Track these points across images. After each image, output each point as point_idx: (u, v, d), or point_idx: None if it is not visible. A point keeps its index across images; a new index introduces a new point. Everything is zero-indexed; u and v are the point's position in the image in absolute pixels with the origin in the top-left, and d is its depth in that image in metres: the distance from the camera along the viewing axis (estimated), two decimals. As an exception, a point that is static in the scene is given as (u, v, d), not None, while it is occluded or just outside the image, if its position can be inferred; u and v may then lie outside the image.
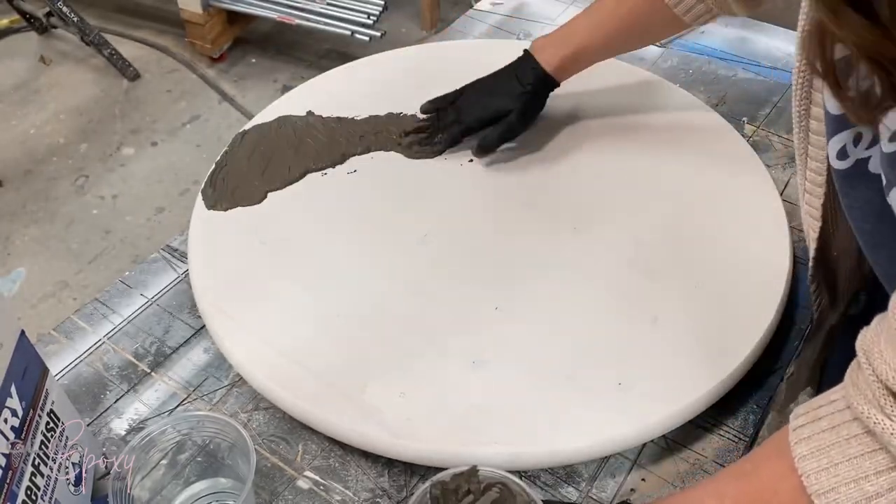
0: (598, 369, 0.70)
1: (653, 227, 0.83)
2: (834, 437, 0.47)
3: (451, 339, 0.73)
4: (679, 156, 0.91)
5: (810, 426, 0.49)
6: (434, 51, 1.12)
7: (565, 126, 0.95)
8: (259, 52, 2.58)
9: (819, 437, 0.48)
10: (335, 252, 0.82)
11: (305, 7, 2.33)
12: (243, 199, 0.87)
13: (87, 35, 2.40)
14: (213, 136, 2.29)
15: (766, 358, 0.74)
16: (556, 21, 1.20)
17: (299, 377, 0.70)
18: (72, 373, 0.76)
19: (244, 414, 0.73)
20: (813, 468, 0.47)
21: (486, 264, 0.80)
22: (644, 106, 0.98)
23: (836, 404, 0.49)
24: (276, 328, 0.74)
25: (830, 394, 0.50)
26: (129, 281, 0.85)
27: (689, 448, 0.70)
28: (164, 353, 0.78)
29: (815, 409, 0.50)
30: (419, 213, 0.85)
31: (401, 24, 2.64)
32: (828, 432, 0.48)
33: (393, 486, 0.68)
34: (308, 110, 0.97)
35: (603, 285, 0.77)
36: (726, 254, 0.80)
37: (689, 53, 1.13)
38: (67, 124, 2.34)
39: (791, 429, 0.50)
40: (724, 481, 0.54)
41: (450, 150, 0.92)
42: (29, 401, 0.56)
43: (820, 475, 0.47)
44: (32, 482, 0.55)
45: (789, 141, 0.99)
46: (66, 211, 2.08)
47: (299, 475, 0.68)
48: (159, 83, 2.48)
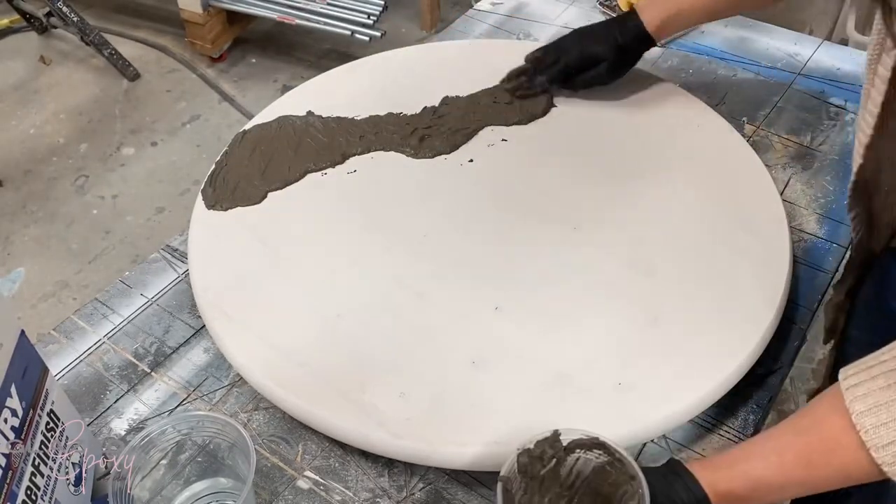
0: (597, 369, 0.70)
1: (653, 227, 0.83)
2: (891, 394, 0.51)
3: (451, 339, 0.73)
4: (679, 156, 0.91)
5: (866, 384, 0.52)
6: (434, 51, 1.12)
7: (565, 126, 0.96)
8: (259, 52, 2.58)
9: (876, 394, 0.51)
10: (335, 252, 0.82)
11: (305, 7, 2.33)
12: (243, 199, 0.87)
13: (87, 35, 2.40)
14: (213, 136, 2.29)
15: (766, 358, 0.74)
16: (555, 21, 1.20)
17: (299, 377, 0.70)
18: (72, 373, 0.76)
19: (244, 414, 0.73)
20: (872, 423, 0.51)
21: (486, 264, 0.80)
22: (644, 106, 0.98)
23: (889, 364, 0.52)
24: (276, 328, 0.74)
25: (881, 354, 0.53)
26: (129, 281, 0.85)
27: (689, 448, 0.70)
28: (164, 353, 0.78)
29: (868, 369, 0.53)
30: (419, 213, 0.85)
31: (401, 24, 2.64)
32: (884, 390, 0.51)
33: (393, 486, 0.68)
34: (308, 110, 0.97)
35: (603, 285, 0.77)
36: (726, 254, 0.80)
37: (689, 53, 1.13)
38: (67, 124, 2.34)
39: (844, 388, 0.53)
40: (783, 437, 0.57)
41: (450, 150, 0.92)
42: (29, 401, 0.56)
43: (879, 430, 0.50)
44: (32, 482, 0.55)
45: (789, 141, 1.00)
46: (66, 211, 2.08)
47: (299, 475, 0.68)
48: (159, 83, 2.49)
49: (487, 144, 0.93)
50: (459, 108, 0.97)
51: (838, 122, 1.02)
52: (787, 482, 0.56)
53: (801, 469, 0.55)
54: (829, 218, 0.90)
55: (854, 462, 0.52)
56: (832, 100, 1.06)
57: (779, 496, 0.57)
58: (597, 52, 0.92)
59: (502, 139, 0.94)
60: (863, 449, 0.51)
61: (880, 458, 0.51)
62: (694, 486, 0.56)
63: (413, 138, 0.93)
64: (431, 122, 0.95)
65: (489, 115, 0.96)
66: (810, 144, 0.99)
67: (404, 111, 0.97)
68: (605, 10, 1.21)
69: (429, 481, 0.68)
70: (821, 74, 1.08)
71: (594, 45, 0.93)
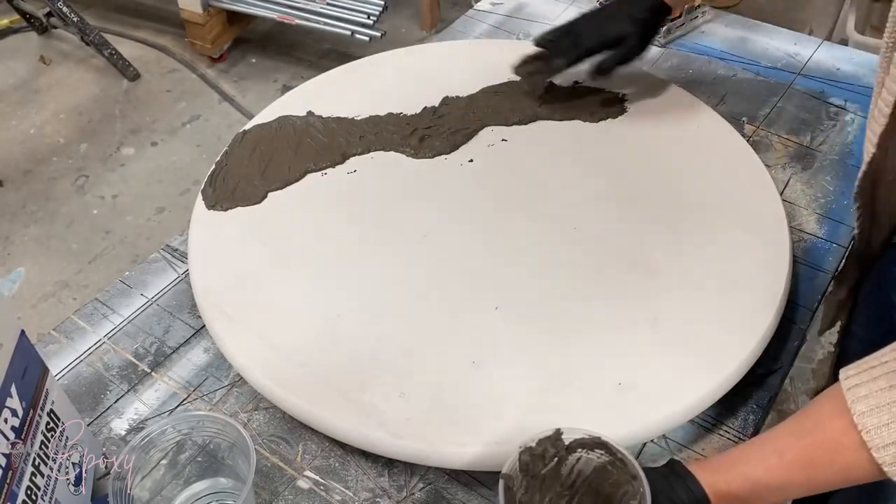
0: (597, 369, 0.70)
1: (653, 226, 0.83)
2: (893, 396, 0.51)
3: (451, 339, 0.73)
4: (679, 156, 0.91)
5: (867, 385, 0.52)
6: (434, 51, 1.12)
7: (565, 126, 0.95)
8: (259, 52, 2.58)
9: (877, 395, 0.51)
10: (335, 252, 0.82)
11: (305, 7, 2.33)
12: (243, 199, 0.87)
13: (87, 35, 2.40)
14: (213, 136, 2.29)
15: (766, 358, 0.74)
16: (555, 21, 1.20)
17: (299, 377, 0.70)
18: (72, 373, 0.76)
19: (244, 414, 0.73)
20: (874, 424, 0.51)
21: (486, 264, 0.80)
22: (644, 106, 0.98)
23: (890, 364, 0.52)
24: (276, 328, 0.74)
25: (881, 354, 0.54)
26: (129, 281, 0.85)
27: (689, 448, 0.70)
28: (164, 353, 0.78)
29: (869, 370, 0.53)
30: (419, 213, 0.85)
31: (401, 24, 2.64)
32: (885, 391, 0.51)
33: (393, 486, 0.68)
34: (308, 110, 0.97)
35: (603, 285, 0.77)
36: (726, 254, 0.80)
37: (689, 53, 1.13)
38: (67, 124, 2.34)
39: (845, 388, 0.53)
40: (783, 438, 0.57)
41: (450, 150, 0.92)
42: (29, 401, 0.56)
43: (880, 430, 0.51)
44: (32, 482, 0.55)
45: (789, 141, 1.00)
46: (66, 211, 2.08)
47: (299, 475, 0.68)
48: (159, 83, 2.49)
49: (487, 144, 0.93)
50: (459, 108, 0.97)
51: (838, 122, 1.02)
52: (788, 483, 0.56)
53: (801, 470, 0.55)
54: (829, 218, 0.90)
55: (855, 462, 0.53)
56: (832, 100, 1.06)
57: (779, 497, 0.57)
58: (618, 31, 0.90)
59: (502, 139, 0.94)
60: (864, 449, 0.51)
61: (881, 459, 0.51)
62: (694, 486, 0.56)
63: (413, 138, 0.93)
64: (431, 122, 0.95)
65: (489, 115, 0.96)
66: (810, 144, 0.99)
67: (404, 111, 0.97)
68: (605, 10, 1.21)
69: (429, 481, 0.68)
70: (821, 74, 1.08)
71: (613, 24, 0.91)
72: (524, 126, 0.95)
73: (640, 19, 0.90)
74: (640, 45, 0.91)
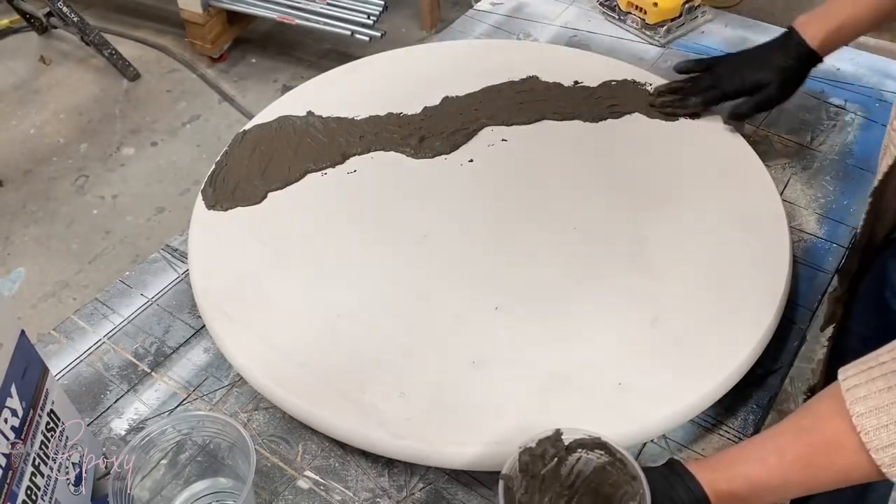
0: (597, 369, 0.70)
1: (653, 227, 0.83)
2: (892, 397, 0.51)
3: (451, 339, 0.73)
4: (679, 156, 0.91)
5: (866, 386, 0.52)
6: (434, 51, 1.12)
7: (565, 126, 0.95)
8: (259, 52, 2.58)
9: (876, 396, 0.51)
10: (335, 252, 0.82)
11: (305, 7, 2.33)
12: (243, 199, 0.87)
13: (87, 35, 2.40)
14: (213, 136, 2.29)
15: (766, 358, 0.74)
16: (555, 21, 1.20)
17: (299, 377, 0.70)
18: (72, 373, 0.76)
19: (244, 414, 0.73)
20: (873, 425, 0.51)
21: (486, 264, 0.80)
22: (644, 106, 0.98)
23: (888, 365, 0.52)
24: (276, 328, 0.74)
25: (879, 355, 0.54)
26: (129, 281, 0.85)
27: (689, 448, 0.70)
28: (164, 353, 0.78)
29: (868, 370, 0.53)
30: (419, 213, 0.85)
31: (401, 24, 2.64)
32: (884, 392, 0.51)
33: (393, 486, 0.68)
34: (308, 110, 0.97)
35: (603, 285, 0.77)
36: (726, 254, 0.80)
37: (689, 53, 1.13)
38: (67, 124, 2.34)
39: (844, 389, 0.53)
40: (783, 438, 0.57)
41: (450, 150, 0.92)
42: (29, 401, 0.56)
43: (879, 432, 0.51)
44: (32, 482, 0.56)
45: (789, 141, 1.00)
46: (66, 211, 2.08)
47: (299, 475, 0.68)
48: (159, 83, 2.49)
49: (487, 144, 0.93)
50: (460, 108, 0.97)
51: (838, 122, 1.02)
52: (787, 482, 0.56)
53: (800, 470, 0.55)
54: (828, 218, 0.90)
55: (854, 463, 0.53)
56: (832, 100, 1.06)
57: (778, 496, 0.57)
58: (758, 79, 0.89)
59: (502, 139, 0.94)
60: (863, 450, 0.52)
61: (880, 460, 0.51)
62: (694, 486, 0.56)
63: (413, 138, 0.93)
64: (431, 122, 0.95)
65: (489, 115, 0.96)
66: (810, 144, 0.99)
67: (404, 111, 0.97)
68: (605, 11, 1.21)
69: (429, 481, 0.68)
70: (821, 74, 1.08)
71: (756, 71, 0.89)
72: (524, 126, 0.95)
73: (784, 67, 0.88)
74: (781, 93, 0.90)
